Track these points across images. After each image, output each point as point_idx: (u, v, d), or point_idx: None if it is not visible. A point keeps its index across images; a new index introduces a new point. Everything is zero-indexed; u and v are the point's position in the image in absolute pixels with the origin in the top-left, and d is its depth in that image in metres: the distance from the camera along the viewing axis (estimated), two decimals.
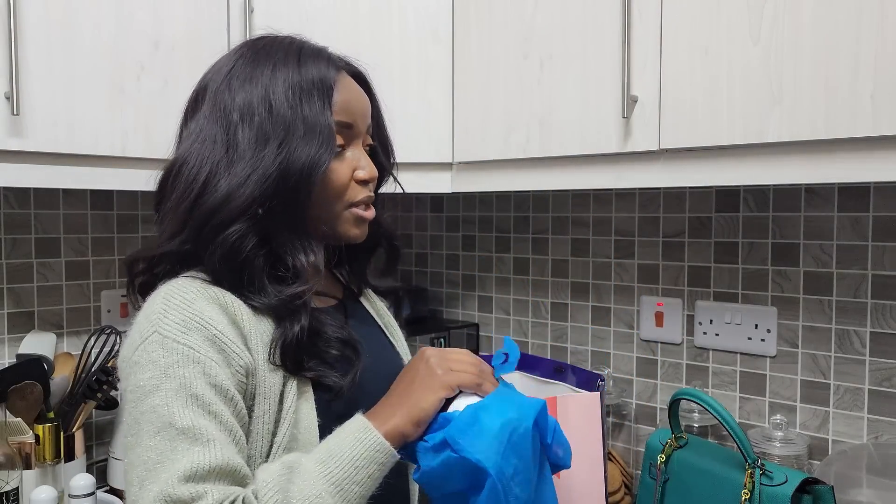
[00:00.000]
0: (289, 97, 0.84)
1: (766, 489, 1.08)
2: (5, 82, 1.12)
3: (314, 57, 0.88)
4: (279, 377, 0.81)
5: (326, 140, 0.84)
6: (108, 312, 1.60)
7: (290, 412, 0.80)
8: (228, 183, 0.82)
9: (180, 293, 0.80)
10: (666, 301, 1.55)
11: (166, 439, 0.72)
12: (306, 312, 0.83)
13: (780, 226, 1.40)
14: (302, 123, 0.83)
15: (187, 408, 0.74)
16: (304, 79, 0.85)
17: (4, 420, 1.32)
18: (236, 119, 0.84)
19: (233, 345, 0.78)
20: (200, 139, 0.85)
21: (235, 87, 0.85)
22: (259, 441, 0.80)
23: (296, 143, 0.82)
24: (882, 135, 0.97)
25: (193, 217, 0.82)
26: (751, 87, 1.08)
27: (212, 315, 0.79)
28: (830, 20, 1.01)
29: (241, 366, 0.78)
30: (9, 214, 1.48)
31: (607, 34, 1.23)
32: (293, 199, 0.83)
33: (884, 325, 1.29)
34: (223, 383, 0.76)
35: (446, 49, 1.48)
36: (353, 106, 0.89)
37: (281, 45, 0.89)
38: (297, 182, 0.82)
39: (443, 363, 0.82)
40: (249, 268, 0.82)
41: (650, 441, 1.30)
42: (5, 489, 1.22)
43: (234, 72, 0.87)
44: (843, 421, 1.33)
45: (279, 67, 0.86)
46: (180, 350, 0.76)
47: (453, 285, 1.96)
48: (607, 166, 1.26)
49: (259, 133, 0.83)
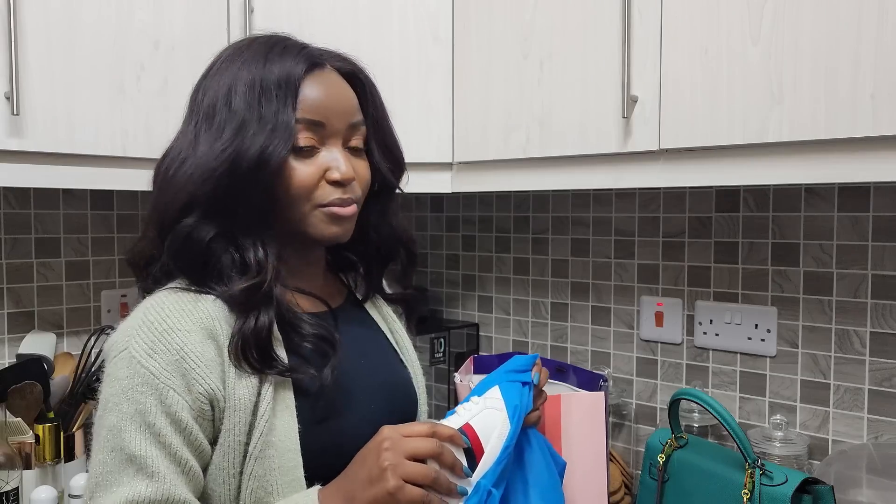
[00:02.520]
0: (247, 95, 0.84)
1: (766, 489, 1.08)
2: (5, 82, 1.12)
3: (284, 54, 0.87)
4: (251, 387, 0.81)
5: (279, 136, 0.83)
6: (108, 312, 1.60)
7: (262, 420, 0.80)
8: (181, 177, 0.84)
9: (157, 310, 0.81)
10: (666, 301, 1.55)
11: (116, 460, 0.77)
12: (268, 307, 0.83)
13: (780, 226, 1.40)
14: (256, 121, 0.83)
15: (140, 434, 0.77)
16: (267, 76, 0.85)
17: (4, 420, 1.32)
18: (201, 118, 0.86)
19: (197, 368, 0.79)
20: (177, 139, 0.88)
21: (206, 87, 0.88)
22: (231, 453, 0.80)
23: (246, 139, 0.82)
24: (882, 135, 0.97)
25: (156, 215, 0.85)
26: (751, 87, 1.08)
27: (182, 336, 0.80)
28: (830, 20, 1.01)
29: (203, 392, 0.79)
30: (9, 214, 1.48)
31: (607, 34, 1.23)
32: (244, 195, 0.83)
33: (884, 325, 1.29)
34: (178, 413, 0.78)
35: (446, 49, 1.48)
36: (324, 104, 0.87)
37: (258, 43, 0.89)
38: (246, 175, 0.82)
39: (397, 455, 0.77)
40: (210, 259, 0.84)
41: (650, 441, 1.30)
42: (5, 489, 1.22)
43: (211, 70, 0.89)
44: (843, 421, 1.33)
45: (246, 65, 0.86)
46: (143, 374, 0.78)
47: (453, 285, 1.96)
48: (607, 166, 1.26)
49: (216, 131, 0.84)
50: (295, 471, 0.81)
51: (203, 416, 0.80)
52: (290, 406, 0.82)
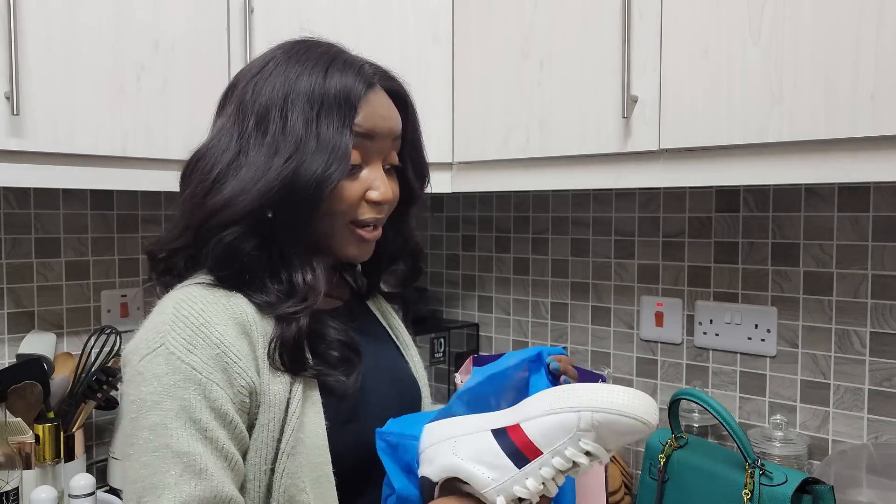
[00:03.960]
0: (306, 110, 0.82)
1: (766, 489, 1.08)
2: (5, 82, 1.12)
3: (343, 69, 0.85)
4: (284, 384, 0.81)
5: (338, 159, 0.82)
6: (108, 312, 1.60)
7: (293, 417, 0.80)
8: (232, 188, 0.81)
9: (190, 304, 0.79)
10: (666, 301, 1.55)
11: (161, 459, 0.74)
12: (306, 314, 0.83)
13: (780, 226, 1.40)
14: (315, 139, 0.81)
15: (185, 430, 0.75)
16: (327, 92, 0.83)
17: (4, 420, 1.32)
18: (252, 124, 0.83)
19: (239, 361, 0.78)
20: (218, 137, 0.86)
21: (258, 91, 0.85)
22: (264, 449, 0.80)
23: (305, 158, 0.81)
24: (882, 135, 0.97)
25: (196, 215, 0.83)
26: (751, 87, 1.08)
27: (220, 329, 0.78)
28: (830, 20, 1.01)
29: (244, 385, 0.79)
30: (9, 214, 1.48)
31: (607, 34, 1.23)
32: (297, 213, 0.82)
33: (884, 325, 1.29)
34: (223, 406, 0.77)
35: (446, 49, 1.48)
36: (377, 123, 0.86)
37: (314, 51, 0.87)
38: (302, 198, 0.81)
39: None
40: (249, 269, 0.82)
41: (650, 441, 1.30)
42: (5, 489, 1.22)
43: (261, 73, 0.86)
44: (843, 421, 1.33)
45: (304, 76, 0.84)
46: (184, 370, 0.76)
47: (453, 285, 1.96)
48: (607, 166, 1.26)
49: (271, 142, 0.82)
50: (323, 467, 0.81)
51: (244, 410, 0.79)
52: (316, 403, 0.83)
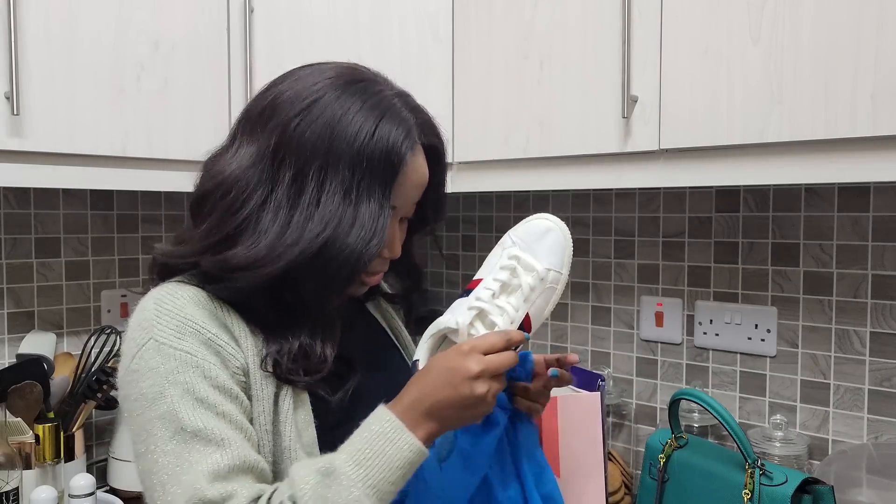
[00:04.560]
0: (346, 178, 0.79)
1: (766, 489, 1.08)
2: (5, 82, 1.12)
3: (392, 120, 0.81)
4: (272, 382, 0.81)
5: (377, 234, 0.80)
6: (108, 312, 1.60)
7: (289, 415, 0.81)
8: (257, 250, 0.78)
9: (171, 298, 0.80)
10: (666, 301, 1.55)
11: (181, 443, 0.73)
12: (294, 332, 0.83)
13: (780, 226, 1.40)
14: (353, 213, 0.79)
15: (196, 411, 0.74)
16: (373, 149, 0.79)
17: (4, 420, 1.32)
18: (289, 176, 0.79)
19: (227, 346, 0.79)
20: (249, 170, 0.81)
21: (301, 132, 0.80)
22: (262, 439, 0.80)
23: (342, 231, 0.78)
24: (882, 135, 0.97)
25: (211, 259, 0.80)
26: (751, 87, 1.08)
27: (203, 319, 0.79)
28: (830, 20, 1.01)
29: (238, 366, 0.79)
30: (9, 214, 1.48)
31: (607, 34, 1.23)
32: (326, 282, 0.81)
33: (884, 325, 1.29)
34: (225, 383, 0.77)
35: (446, 49, 1.48)
36: (410, 192, 0.85)
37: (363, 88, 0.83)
38: (336, 270, 0.79)
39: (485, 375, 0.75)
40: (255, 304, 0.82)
41: (650, 441, 1.30)
42: (5, 489, 1.22)
43: (309, 112, 0.80)
44: (843, 421, 1.33)
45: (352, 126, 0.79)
46: (178, 356, 0.76)
47: (453, 285, 1.96)
48: (607, 166, 1.26)
49: (305, 205, 0.79)
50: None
51: (243, 388, 0.79)
52: (306, 402, 0.83)
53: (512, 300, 0.84)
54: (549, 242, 0.87)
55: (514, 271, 0.85)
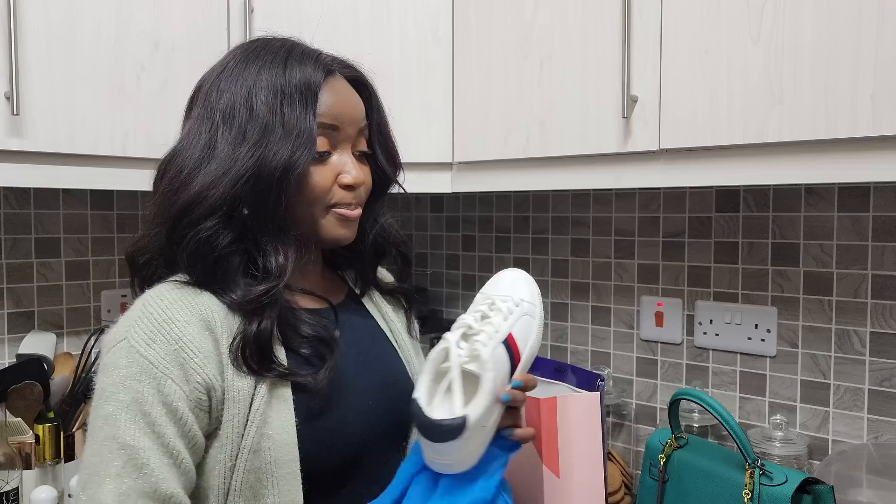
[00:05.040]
0: (269, 99, 0.85)
1: (766, 489, 1.08)
2: (5, 82, 1.12)
3: (302, 60, 0.88)
4: (249, 380, 0.82)
5: (304, 143, 0.84)
6: (108, 312, 1.60)
7: (257, 414, 0.81)
8: (201, 182, 0.83)
9: (157, 300, 0.82)
10: (666, 301, 1.55)
11: (108, 450, 0.76)
12: (272, 311, 0.84)
13: (780, 226, 1.40)
14: (280, 126, 0.84)
15: (134, 423, 0.77)
16: (289, 82, 0.86)
17: (4, 420, 1.32)
18: (219, 119, 0.86)
19: (196, 358, 0.80)
20: (188, 137, 0.88)
21: (223, 89, 0.87)
22: (229, 445, 0.81)
23: (272, 145, 0.83)
24: (882, 135, 0.97)
25: (169, 212, 0.85)
26: (751, 87, 1.08)
27: (182, 325, 0.80)
28: (830, 20, 1.01)
29: (200, 381, 0.80)
30: (9, 214, 1.48)
31: (607, 34, 1.23)
32: (268, 200, 0.84)
33: (884, 325, 1.29)
34: (175, 402, 0.78)
35: (446, 49, 1.48)
36: (340, 110, 0.89)
37: (272, 47, 0.90)
38: (272, 183, 0.83)
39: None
40: (223, 265, 0.84)
41: (650, 441, 1.30)
42: (5, 489, 1.22)
43: (224, 73, 0.89)
44: (843, 421, 1.33)
45: (265, 69, 0.87)
46: (141, 363, 0.78)
47: (453, 285, 1.96)
48: (607, 166, 1.26)
49: (237, 134, 0.85)
50: (291, 464, 0.81)
51: (200, 407, 0.80)
52: (287, 400, 0.83)
53: (493, 319, 0.90)
54: (516, 284, 0.96)
55: (491, 304, 0.91)
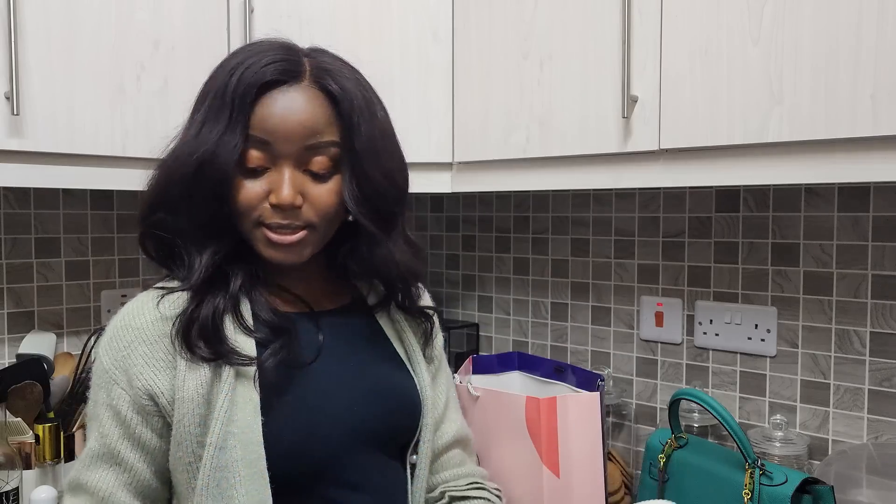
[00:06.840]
0: (212, 103, 0.87)
1: (766, 489, 1.08)
2: (5, 82, 1.12)
3: (254, 66, 0.86)
4: (202, 378, 0.83)
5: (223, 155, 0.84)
6: (108, 312, 1.60)
7: (221, 411, 0.82)
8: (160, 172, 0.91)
9: (133, 307, 0.88)
10: (666, 301, 1.55)
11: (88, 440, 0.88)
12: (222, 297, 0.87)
13: (780, 226, 1.40)
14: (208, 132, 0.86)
15: (91, 424, 0.88)
16: (231, 88, 0.86)
17: (4, 420, 1.32)
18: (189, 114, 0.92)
19: (138, 365, 0.84)
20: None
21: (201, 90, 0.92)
22: (185, 443, 0.83)
23: (186, 147, 0.87)
24: (882, 135, 0.97)
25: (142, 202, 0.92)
26: (751, 87, 1.08)
27: (136, 332, 0.85)
28: (830, 20, 1.01)
29: (141, 387, 0.84)
30: (9, 214, 1.48)
31: (607, 34, 1.23)
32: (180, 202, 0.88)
33: (884, 325, 1.29)
34: (118, 406, 0.85)
35: (446, 49, 1.48)
36: (274, 125, 0.85)
37: (246, 48, 0.91)
38: (185, 187, 0.86)
39: None
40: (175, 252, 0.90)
41: (650, 441, 1.30)
42: (5, 489, 1.22)
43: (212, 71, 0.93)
44: (843, 421, 1.33)
45: (223, 71, 0.88)
46: (100, 368, 0.87)
47: (453, 285, 1.96)
48: (607, 166, 1.26)
49: (185, 130, 0.90)
50: (257, 463, 0.81)
51: (144, 411, 0.84)
52: (253, 399, 0.83)
53: None
54: None
55: None
